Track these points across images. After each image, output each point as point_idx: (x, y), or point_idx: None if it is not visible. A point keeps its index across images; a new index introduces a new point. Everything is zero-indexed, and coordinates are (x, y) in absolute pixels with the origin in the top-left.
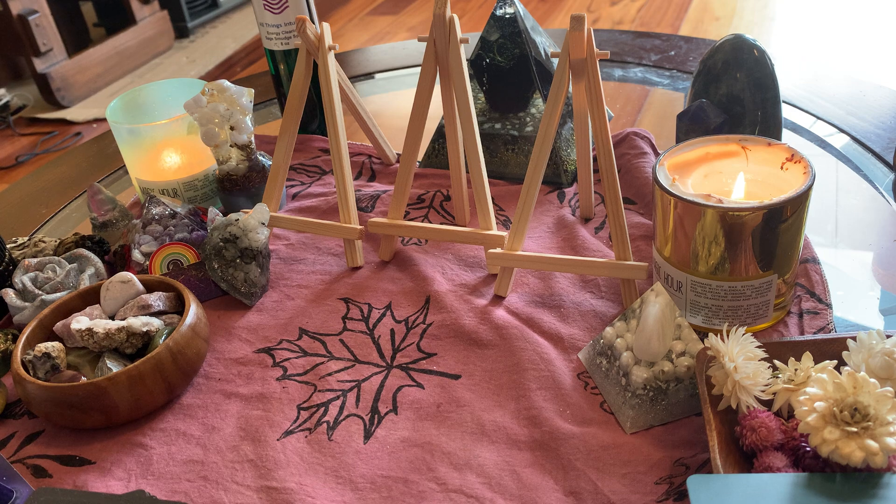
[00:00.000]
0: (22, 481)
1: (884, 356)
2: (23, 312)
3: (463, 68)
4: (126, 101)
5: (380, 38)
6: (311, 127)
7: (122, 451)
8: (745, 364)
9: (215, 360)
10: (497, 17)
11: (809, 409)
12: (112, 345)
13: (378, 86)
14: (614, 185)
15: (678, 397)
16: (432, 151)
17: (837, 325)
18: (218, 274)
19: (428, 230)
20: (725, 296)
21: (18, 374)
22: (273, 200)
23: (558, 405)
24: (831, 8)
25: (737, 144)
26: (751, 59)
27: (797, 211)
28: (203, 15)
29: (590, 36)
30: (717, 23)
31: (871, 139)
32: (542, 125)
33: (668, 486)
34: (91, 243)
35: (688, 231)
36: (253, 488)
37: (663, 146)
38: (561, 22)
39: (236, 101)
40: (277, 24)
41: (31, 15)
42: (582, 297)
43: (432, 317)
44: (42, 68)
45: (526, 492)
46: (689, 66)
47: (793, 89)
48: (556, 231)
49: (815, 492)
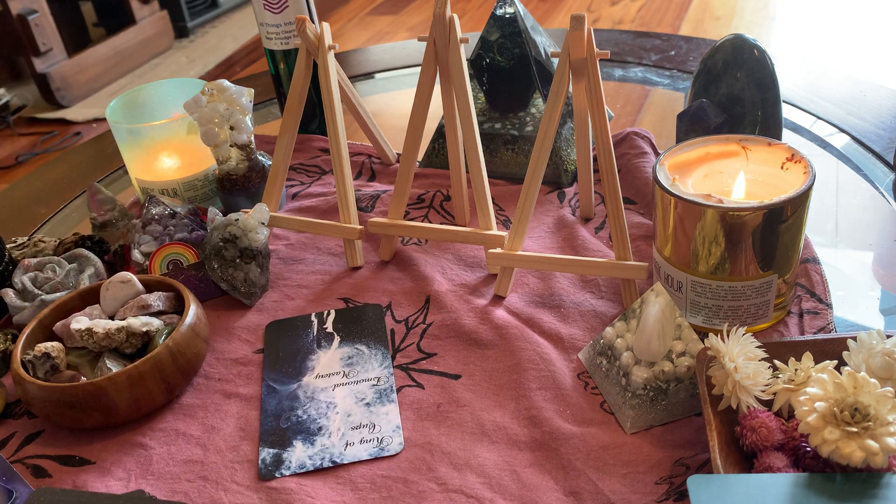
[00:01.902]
0: (22, 481)
1: (884, 356)
2: (22, 312)
3: (463, 68)
4: (126, 101)
5: (380, 38)
6: (311, 127)
7: (121, 451)
8: (746, 364)
9: (215, 360)
10: (497, 16)
11: (810, 409)
12: (112, 345)
13: (378, 86)
14: (614, 185)
15: (678, 397)
16: (432, 151)
17: (837, 325)
18: (218, 274)
19: (428, 230)
20: (725, 296)
21: (18, 374)
22: (273, 200)
23: (558, 405)
24: (831, 8)
25: (737, 144)
26: (751, 58)
27: (797, 211)
28: (203, 15)
29: (590, 36)
30: (717, 23)
31: (872, 139)
32: (542, 125)
33: (668, 486)
34: (91, 243)
35: (688, 231)
36: (253, 488)
37: (663, 146)
38: (561, 22)
39: (236, 101)
40: (277, 24)
41: (30, 15)
42: (582, 297)
43: (432, 317)
44: (42, 68)
45: (526, 492)
46: (689, 66)
47: (793, 89)
48: (556, 231)
49: (815, 492)
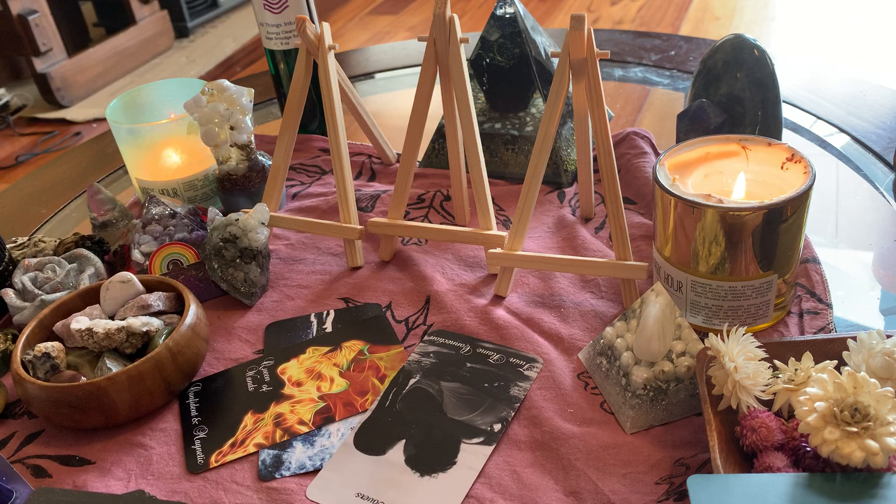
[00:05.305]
0: (22, 481)
1: (884, 356)
2: (23, 312)
3: (463, 68)
4: (126, 101)
5: (380, 38)
6: (311, 127)
7: (122, 451)
8: (746, 364)
9: (215, 360)
10: (497, 16)
11: (810, 409)
12: (112, 345)
13: (378, 86)
14: (614, 184)
15: (678, 397)
16: (432, 151)
17: (837, 325)
18: (218, 274)
19: (428, 230)
20: (725, 296)
21: (18, 374)
22: (273, 200)
23: (558, 405)
24: (831, 8)
25: (737, 144)
26: (751, 58)
27: (797, 211)
28: (203, 15)
29: (590, 36)
30: (717, 23)
31: (872, 139)
32: (542, 125)
33: (668, 486)
34: (91, 243)
35: (688, 231)
36: (253, 488)
37: (663, 146)
38: (561, 22)
39: (236, 101)
40: (277, 24)
41: (30, 15)
42: (582, 297)
43: (433, 317)
44: (42, 68)
45: (526, 492)
46: (689, 65)
47: (793, 89)
48: (556, 231)
49: (815, 492)
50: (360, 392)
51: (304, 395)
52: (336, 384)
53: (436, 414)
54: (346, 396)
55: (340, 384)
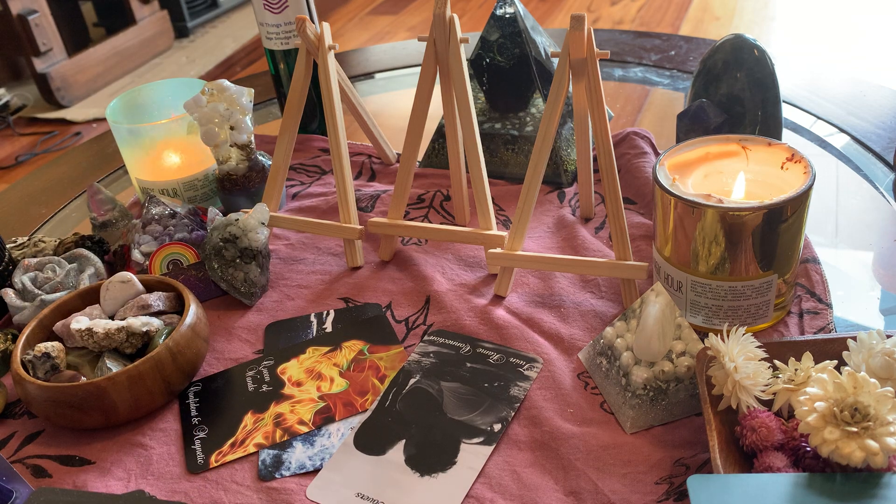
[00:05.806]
0: (22, 481)
1: (884, 356)
2: (22, 312)
3: (463, 68)
4: (126, 101)
5: (380, 38)
6: (311, 127)
7: (122, 451)
8: (746, 364)
9: (215, 360)
10: (497, 16)
11: (810, 409)
12: (112, 345)
13: (378, 86)
14: (614, 184)
15: (678, 397)
16: (432, 151)
17: (837, 325)
18: (218, 274)
19: (428, 230)
20: (725, 296)
21: (18, 374)
22: (273, 200)
23: (558, 405)
24: (831, 8)
25: (737, 144)
26: (751, 58)
27: (797, 211)
28: (203, 15)
29: (590, 36)
30: (717, 23)
31: (872, 139)
32: (542, 125)
33: (668, 486)
34: (91, 243)
35: (688, 231)
36: (253, 488)
37: (663, 146)
38: (561, 22)
39: (236, 101)
40: (277, 24)
41: (30, 15)
42: (582, 297)
43: (433, 317)
44: (42, 68)
45: (526, 492)
46: (689, 65)
47: (793, 89)
48: (556, 231)
49: (815, 492)
50: (360, 392)
51: (304, 395)
52: (336, 384)
53: (436, 414)
54: (346, 396)
55: (340, 384)
